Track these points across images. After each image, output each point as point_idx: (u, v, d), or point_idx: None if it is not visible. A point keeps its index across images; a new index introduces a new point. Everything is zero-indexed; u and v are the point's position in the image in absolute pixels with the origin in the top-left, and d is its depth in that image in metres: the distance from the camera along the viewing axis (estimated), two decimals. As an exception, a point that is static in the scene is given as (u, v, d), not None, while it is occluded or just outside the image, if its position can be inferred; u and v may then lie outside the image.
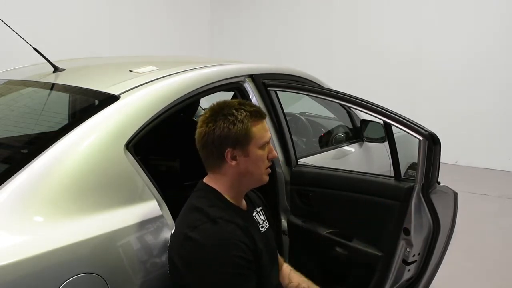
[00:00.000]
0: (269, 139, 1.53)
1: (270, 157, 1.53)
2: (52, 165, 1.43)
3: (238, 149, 1.47)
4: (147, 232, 1.53)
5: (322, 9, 7.45)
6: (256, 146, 1.48)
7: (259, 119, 1.50)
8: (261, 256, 1.49)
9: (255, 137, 1.47)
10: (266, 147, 1.52)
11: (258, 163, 1.50)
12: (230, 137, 1.45)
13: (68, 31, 6.27)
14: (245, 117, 1.46)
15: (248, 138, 1.47)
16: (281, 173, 2.21)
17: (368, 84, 6.73)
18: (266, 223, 1.66)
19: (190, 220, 1.44)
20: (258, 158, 1.50)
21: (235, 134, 1.45)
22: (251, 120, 1.47)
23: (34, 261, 1.24)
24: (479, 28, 6.22)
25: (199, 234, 1.38)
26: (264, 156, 1.51)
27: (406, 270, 1.92)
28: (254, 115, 1.48)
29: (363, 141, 2.94)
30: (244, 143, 1.47)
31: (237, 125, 1.45)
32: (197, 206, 1.47)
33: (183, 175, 2.59)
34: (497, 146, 6.22)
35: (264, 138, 1.50)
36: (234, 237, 1.40)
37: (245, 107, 1.49)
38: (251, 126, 1.46)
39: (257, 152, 1.49)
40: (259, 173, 1.53)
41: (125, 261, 1.45)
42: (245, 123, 1.45)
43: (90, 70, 2.34)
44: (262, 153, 1.50)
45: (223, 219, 1.42)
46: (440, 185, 1.94)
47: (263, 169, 1.53)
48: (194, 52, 7.87)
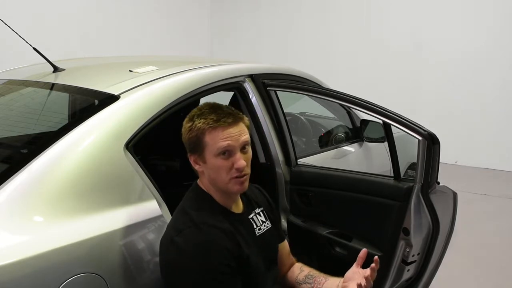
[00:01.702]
0: (225, 147, 1.42)
1: (235, 167, 1.44)
2: (52, 165, 1.43)
3: (195, 155, 1.48)
4: (147, 232, 1.53)
5: (322, 9, 7.45)
6: (211, 154, 1.44)
7: (215, 127, 1.42)
8: (248, 260, 1.47)
9: (208, 145, 1.43)
10: (229, 156, 1.43)
11: (218, 171, 1.45)
12: (186, 143, 1.48)
13: (68, 31, 6.27)
14: (201, 124, 1.43)
15: (200, 146, 1.44)
16: (281, 173, 2.21)
17: (368, 84, 6.73)
18: (267, 224, 1.64)
19: (177, 223, 1.46)
20: (216, 166, 1.44)
21: (189, 141, 1.47)
22: (204, 128, 1.42)
23: (34, 261, 1.24)
24: (479, 29, 6.22)
25: (182, 238, 1.39)
26: (223, 165, 1.43)
27: (406, 270, 1.92)
28: (209, 123, 1.43)
29: (363, 141, 2.94)
30: (199, 150, 1.45)
31: (191, 132, 1.45)
32: (185, 210, 1.49)
33: (182, 175, 2.59)
34: (497, 146, 6.21)
35: (216, 146, 1.42)
36: (216, 242, 1.39)
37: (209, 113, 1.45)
38: (204, 134, 1.43)
39: (213, 160, 1.44)
40: (221, 181, 1.46)
41: (125, 261, 1.45)
42: (196, 130, 1.44)
43: (90, 70, 2.34)
44: (220, 161, 1.43)
45: (207, 224, 1.42)
46: (440, 185, 1.94)
47: (225, 178, 1.45)
48: (194, 52, 7.87)
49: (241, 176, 1.46)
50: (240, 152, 1.45)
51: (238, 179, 1.46)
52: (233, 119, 1.46)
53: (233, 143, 1.43)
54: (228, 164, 1.44)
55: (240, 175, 1.45)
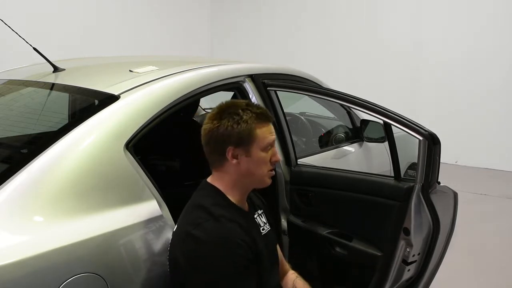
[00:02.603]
0: (272, 141, 1.53)
1: (273, 160, 1.53)
2: (52, 165, 1.43)
3: (240, 148, 1.48)
4: (147, 232, 1.53)
5: (322, 9, 7.45)
6: (259, 147, 1.49)
7: (265, 122, 1.51)
8: (261, 257, 1.50)
9: (258, 138, 1.48)
10: (270, 149, 1.53)
11: (260, 164, 1.51)
12: (233, 135, 1.47)
13: (68, 31, 6.27)
14: (250, 117, 1.48)
15: (251, 138, 1.48)
16: (281, 173, 2.21)
17: (368, 84, 6.73)
18: (267, 226, 1.67)
19: (193, 217, 1.45)
20: (260, 159, 1.50)
21: (238, 133, 1.46)
22: (256, 122, 1.48)
23: (34, 261, 1.24)
24: (479, 29, 6.22)
25: (201, 231, 1.40)
26: (266, 158, 1.51)
27: (406, 270, 1.92)
28: (260, 117, 1.50)
29: (363, 141, 2.94)
30: (247, 143, 1.48)
31: (241, 125, 1.46)
32: (200, 204, 1.49)
33: (183, 175, 2.59)
34: (497, 146, 6.22)
35: (267, 140, 1.50)
36: (236, 235, 1.41)
37: (252, 108, 1.51)
38: (255, 127, 1.48)
39: (259, 153, 1.50)
40: (260, 175, 1.53)
41: (125, 261, 1.45)
42: (249, 123, 1.47)
43: (90, 70, 2.34)
44: (265, 155, 1.51)
45: (225, 217, 1.44)
46: (440, 185, 1.94)
47: (265, 171, 1.53)
48: (194, 52, 7.87)
49: (273, 170, 1.56)
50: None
51: (271, 172, 1.55)
52: (271, 116, 1.57)
53: (275, 138, 1.55)
54: (268, 157, 1.52)
55: (273, 168, 1.56)
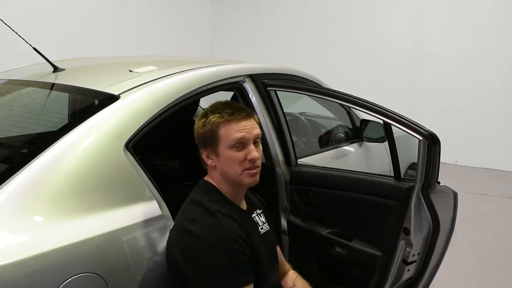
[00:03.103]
0: (240, 139, 1.48)
1: (248, 157, 1.49)
2: (52, 165, 1.43)
3: (208, 149, 1.52)
4: (146, 232, 1.53)
5: (322, 9, 7.45)
6: (225, 146, 1.49)
7: (230, 119, 1.49)
8: (258, 254, 1.51)
9: (222, 137, 1.48)
10: (241, 147, 1.49)
11: (231, 163, 1.49)
12: (200, 137, 1.53)
13: (68, 31, 6.27)
14: (215, 118, 1.49)
15: (214, 139, 1.49)
16: (281, 173, 2.21)
17: (368, 84, 6.74)
18: (266, 226, 1.67)
19: (189, 213, 1.47)
20: (229, 158, 1.49)
21: (203, 135, 1.52)
22: (220, 121, 1.48)
23: (34, 261, 1.24)
24: (479, 29, 6.22)
25: (197, 226, 1.41)
26: (236, 156, 1.48)
27: (406, 270, 1.92)
28: (223, 116, 1.49)
29: (362, 141, 2.94)
30: (212, 143, 1.50)
31: (206, 126, 1.50)
32: (196, 200, 1.51)
33: (182, 175, 2.59)
34: (497, 146, 6.22)
35: (231, 138, 1.48)
36: (232, 230, 1.42)
37: (222, 108, 1.51)
38: (218, 127, 1.49)
39: (227, 152, 1.49)
40: (234, 174, 1.50)
41: (125, 261, 1.45)
42: (212, 124, 1.49)
43: (90, 70, 2.34)
44: (234, 153, 1.48)
45: (221, 212, 1.45)
46: (440, 185, 1.94)
47: (238, 170, 1.49)
48: (194, 52, 7.87)
49: (254, 168, 1.50)
50: (253, 145, 1.51)
51: (250, 171, 1.50)
52: (246, 113, 1.53)
53: (247, 135, 1.49)
54: (241, 156, 1.49)
55: (253, 166, 1.50)
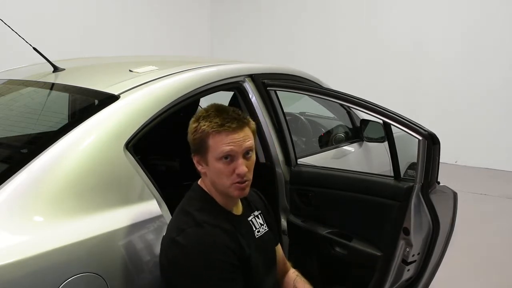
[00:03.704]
0: (226, 152, 1.42)
1: (236, 172, 1.43)
2: (52, 165, 1.43)
3: (199, 156, 1.48)
4: (146, 232, 1.53)
5: (322, 9, 7.45)
6: (213, 157, 1.43)
7: (219, 131, 1.42)
8: (250, 261, 1.48)
9: (211, 148, 1.43)
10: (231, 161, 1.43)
11: (219, 175, 1.45)
12: (191, 143, 1.49)
13: (68, 31, 6.27)
14: (206, 126, 1.43)
15: (203, 148, 1.44)
16: (281, 173, 2.21)
17: (368, 84, 6.73)
18: (265, 227, 1.65)
19: (178, 223, 1.46)
20: (217, 170, 1.44)
21: (193, 141, 1.47)
22: (209, 131, 1.42)
23: (34, 261, 1.24)
24: (479, 28, 6.22)
25: (184, 237, 1.39)
26: (225, 169, 1.43)
27: (406, 270, 1.92)
28: (213, 127, 1.42)
29: (362, 141, 2.94)
30: (202, 151, 1.46)
31: (196, 133, 1.45)
32: (185, 209, 1.49)
33: (182, 175, 2.59)
34: (497, 146, 6.22)
35: (218, 151, 1.42)
36: (218, 241, 1.40)
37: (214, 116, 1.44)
38: (208, 136, 1.43)
39: (215, 164, 1.44)
40: (222, 185, 1.46)
41: (125, 261, 1.45)
42: (201, 132, 1.44)
43: (90, 70, 2.34)
44: (222, 166, 1.43)
45: (209, 223, 1.42)
46: (440, 185, 1.94)
47: (226, 182, 1.44)
48: (194, 52, 7.87)
49: (242, 182, 1.45)
50: (243, 158, 1.44)
51: (239, 184, 1.45)
52: (238, 124, 1.45)
53: (236, 148, 1.43)
54: (230, 169, 1.43)
55: (242, 180, 1.45)
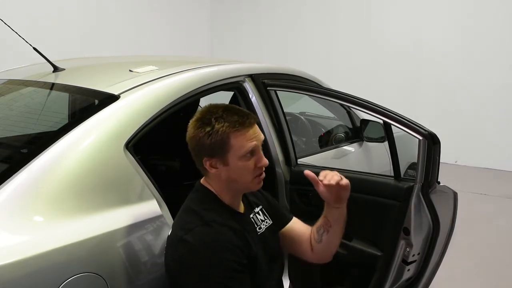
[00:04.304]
0: (252, 148, 1.43)
1: (258, 165, 1.45)
2: (52, 164, 1.43)
3: (215, 159, 1.43)
4: (147, 232, 1.53)
5: (322, 9, 7.45)
6: (236, 156, 1.42)
7: (241, 129, 1.42)
8: (256, 259, 1.48)
9: (234, 147, 1.41)
10: (252, 156, 1.44)
11: (241, 172, 1.44)
12: (205, 147, 1.42)
13: (68, 31, 6.27)
14: (223, 127, 1.40)
15: (224, 149, 1.41)
16: (281, 172, 2.21)
17: (368, 84, 6.73)
18: (267, 222, 1.64)
19: (185, 222, 1.44)
20: (239, 168, 1.43)
21: (210, 145, 1.41)
22: (230, 130, 1.40)
23: (34, 261, 1.24)
24: (479, 29, 6.21)
25: (192, 236, 1.38)
26: (247, 166, 1.44)
27: (406, 270, 1.92)
28: (234, 125, 1.41)
29: (362, 140, 2.94)
30: (221, 153, 1.42)
31: (212, 136, 1.40)
32: (192, 208, 1.47)
33: (182, 175, 2.59)
34: (497, 146, 6.21)
35: (244, 148, 1.42)
36: (227, 240, 1.39)
37: (227, 115, 1.42)
38: (228, 137, 1.40)
39: (238, 162, 1.43)
40: (244, 182, 1.47)
41: (125, 260, 1.45)
42: (221, 133, 1.40)
43: (90, 69, 2.34)
44: (244, 163, 1.43)
45: (217, 222, 1.42)
46: (440, 184, 1.94)
47: (249, 178, 1.46)
48: (194, 52, 7.87)
49: (261, 174, 1.49)
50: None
51: (259, 177, 1.49)
52: (253, 119, 1.47)
53: (258, 143, 1.46)
54: (252, 164, 1.45)
55: (261, 172, 1.49)
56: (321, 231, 1.65)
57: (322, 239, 1.65)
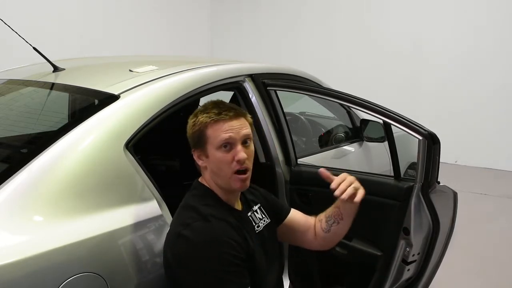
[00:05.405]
0: (227, 139, 1.44)
1: (236, 159, 1.45)
2: (52, 164, 1.43)
3: (198, 150, 1.50)
4: (147, 232, 1.53)
5: (322, 9, 7.45)
6: (213, 147, 1.46)
7: (217, 120, 1.45)
8: (254, 258, 1.48)
9: (210, 137, 1.46)
10: (228, 148, 1.45)
11: (220, 165, 1.46)
12: (190, 138, 1.51)
13: (68, 31, 6.27)
14: (204, 118, 1.47)
15: (203, 139, 1.47)
16: (281, 172, 2.21)
17: (368, 84, 6.73)
18: (265, 220, 1.64)
19: (183, 218, 1.46)
20: (217, 159, 1.46)
21: (192, 135, 1.50)
22: (208, 121, 1.46)
23: (34, 261, 1.24)
24: (479, 29, 6.22)
25: (191, 231, 1.40)
26: (224, 158, 1.45)
27: (406, 270, 1.92)
28: (211, 116, 1.46)
29: (362, 140, 2.94)
30: (201, 144, 1.48)
31: (195, 126, 1.49)
32: (190, 204, 1.49)
33: (182, 175, 2.59)
34: (497, 146, 6.22)
35: (218, 139, 1.44)
36: (225, 234, 1.40)
37: (212, 109, 1.48)
38: (205, 127, 1.46)
39: (215, 153, 1.46)
40: (224, 176, 1.47)
41: (125, 260, 1.45)
42: (200, 124, 1.47)
43: (90, 69, 2.34)
44: (222, 154, 1.45)
45: (215, 217, 1.43)
46: (440, 184, 1.94)
47: (227, 172, 1.46)
48: (194, 52, 7.87)
49: (242, 170, 1.47)
50: (242, 146, 1.47)
51: (239, 175, 1.47)
52: (235, 112, 1.49)
53: (234, 135, 1.46)
54: (229, 157, 1.46)
55: (241, 168, 1.46)
56: (331, 221, 1.68)
57: (331, 229, 1.68)
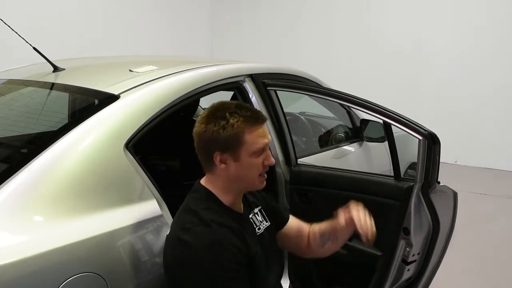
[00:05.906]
0: (264, 145, 1.46)
1: (266, 163, 1.47)
2: (52, 164, 1.43)
3: (227, 154, 1.43)
4: (147, 232, 1.53)
5: (322, 9, 7.45)
6: (247, 152, 1.43)
7: (255, 125, 1.44)
8: (255, 260, 1.47)
9: (247, 143, 1.42)
10: (262, 153, 1.46)
11: (250, 169, 1.46)
12: (219, 141, 1.42)
13: (68, 31, 6.27)
14: (237, 121, 1.41)
15: (238, 144, 1.42)
16: (281, 172, 2.21)
17: (368, 84, 6.73)
18: (265, 223, 1.64)
19: (184, 222, 1.44)
20: (249, 164, 1.45)
21: (224, 139, 1.41)
22: (244, 126, 1.42)
23: (34, 260, 1.24)
24: (479, 29, 6.21)
25: (191, 236, 1.38)
26: (256, 162, 1.45)
27: (406, 270, 1.92)
28: (248, 120, 1.42)
29: (362, 140, 2.94)
30: (234, 148, 1.42)
31: (227, 130, 1.40)
32: (191, 208, 1.47)
33: (182, 175, 2.59)
34: (497, 146, 6.21)
35: (257, 145, 1.44)
36: (226, 240, 1.39)
37: (241, 111, 1.44)
38: (243, 132, 1.41)
39: (248, 159, 1.44)
40: (250, 179, 1.48)
41: (125, 260, 1.45)
42: (236, 128, 1.41)
43: (90, 69, 2.34)
44: (254, 160, 1.45)
45: (216, 222, 1.41)
46: (440, 184, 1.94)
47: (255, 175, 1.47)
48: (194, 52, 7.87)
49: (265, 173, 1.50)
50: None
51: (262, 176, 1.50)
52: (264, 117, 1.50)
53: (268, 141, 1.48)
54: (261, 161, 1.47)
55: (266, 171, 1.50)
56: (326, 238, 1.67)
57: (325, 246, 1.68)
